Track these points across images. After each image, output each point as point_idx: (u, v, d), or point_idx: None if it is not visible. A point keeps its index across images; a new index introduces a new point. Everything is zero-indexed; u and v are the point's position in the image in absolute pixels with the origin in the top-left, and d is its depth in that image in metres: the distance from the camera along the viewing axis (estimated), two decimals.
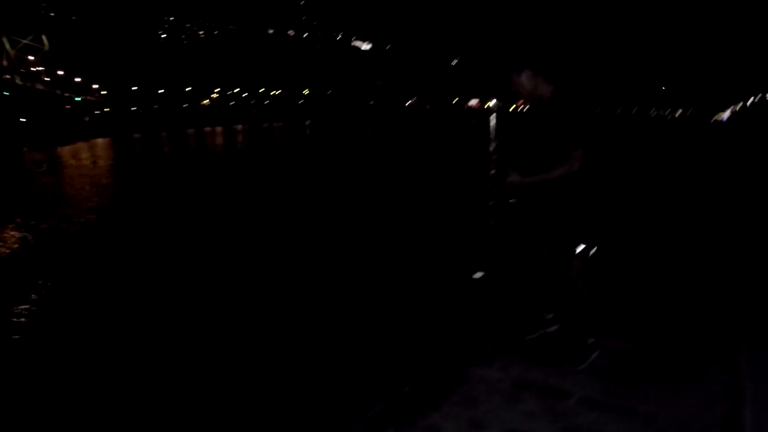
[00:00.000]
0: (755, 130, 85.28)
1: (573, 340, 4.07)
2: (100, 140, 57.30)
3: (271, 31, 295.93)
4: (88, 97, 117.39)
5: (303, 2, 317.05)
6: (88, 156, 29.80)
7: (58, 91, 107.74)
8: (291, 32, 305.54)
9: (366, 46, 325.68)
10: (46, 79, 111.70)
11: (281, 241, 7.49)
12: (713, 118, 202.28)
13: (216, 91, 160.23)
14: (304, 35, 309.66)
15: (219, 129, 68.21)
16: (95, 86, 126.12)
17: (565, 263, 3.80)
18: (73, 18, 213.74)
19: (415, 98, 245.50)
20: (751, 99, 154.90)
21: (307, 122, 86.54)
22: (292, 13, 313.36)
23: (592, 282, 3.87)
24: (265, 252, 7.12)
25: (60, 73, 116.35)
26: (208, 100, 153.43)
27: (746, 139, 50.93)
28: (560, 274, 3.88)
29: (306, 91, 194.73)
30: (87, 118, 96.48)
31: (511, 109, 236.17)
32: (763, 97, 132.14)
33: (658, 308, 4.94)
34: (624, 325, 4.52)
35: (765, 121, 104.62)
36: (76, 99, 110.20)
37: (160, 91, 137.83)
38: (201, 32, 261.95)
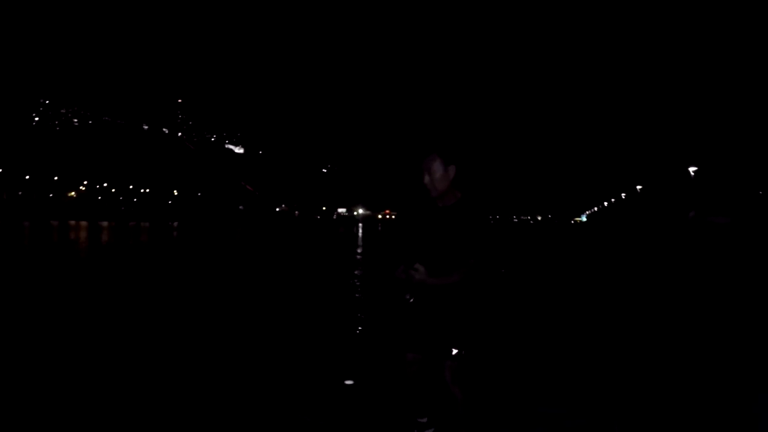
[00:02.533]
0: (612, 226, 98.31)
1: None
2: None
3: (146, 127, 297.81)
4: None
5: (180, 101, 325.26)
6: None
7: None
8: (165, 130, 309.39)
9: (239, 150, 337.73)
10: None
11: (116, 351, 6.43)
12: (573, 220, 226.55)
13: (84, 183, 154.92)
14: (179, 134, 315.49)
15: (84, 224, 65.76)
16: None
17: (439, 365, 3.79)
18: None
19: (284, 205, 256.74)
20: (605, 203, 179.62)
21: (175, 223, 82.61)
22: (168, 111, 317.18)
23: (468, 383, 3.76)
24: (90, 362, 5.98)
25: None
26: (74, 193, 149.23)
27: (605, 235, 56.96)
28: (434, 377, 3.90)
29: (175, 192, 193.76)
30: None
31: (378, 217, 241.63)
32: (617, 200, 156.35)
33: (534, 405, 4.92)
34: (499, 424, 4.43)
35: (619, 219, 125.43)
36: None
37: (26, 177, 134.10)
38: (75, 120, 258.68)
